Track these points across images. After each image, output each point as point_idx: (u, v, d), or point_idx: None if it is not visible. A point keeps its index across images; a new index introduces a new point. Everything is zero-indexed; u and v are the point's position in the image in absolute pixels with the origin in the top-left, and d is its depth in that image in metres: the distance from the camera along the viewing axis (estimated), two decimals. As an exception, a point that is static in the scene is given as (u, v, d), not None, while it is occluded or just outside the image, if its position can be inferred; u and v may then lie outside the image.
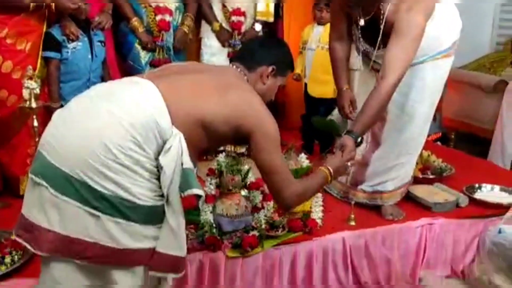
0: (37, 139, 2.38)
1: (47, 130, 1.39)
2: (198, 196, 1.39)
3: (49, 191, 1.28)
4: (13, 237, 1.35)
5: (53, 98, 2.75)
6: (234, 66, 1.71)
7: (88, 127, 1.32)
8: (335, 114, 2.85)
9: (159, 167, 1.34)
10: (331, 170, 1.81)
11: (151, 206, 1.35)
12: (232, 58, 1.75)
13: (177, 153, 1.35)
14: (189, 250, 2.11)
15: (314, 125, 2.66)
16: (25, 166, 2.70)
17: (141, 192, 1.32)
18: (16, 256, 2.00)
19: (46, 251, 1.30)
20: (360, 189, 2.71)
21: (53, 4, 2.62)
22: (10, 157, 2.74)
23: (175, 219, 1.37)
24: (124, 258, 1.34)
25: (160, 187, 1.36)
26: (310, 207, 2.52)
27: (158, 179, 1.36)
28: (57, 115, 1.41)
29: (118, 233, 1.30)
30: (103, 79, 2.97)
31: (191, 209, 1.67)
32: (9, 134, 2.70)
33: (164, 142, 1.36)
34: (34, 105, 2.32)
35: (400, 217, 2.55)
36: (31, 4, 2.54)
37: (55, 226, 1.29)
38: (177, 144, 1.35)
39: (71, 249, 1.29)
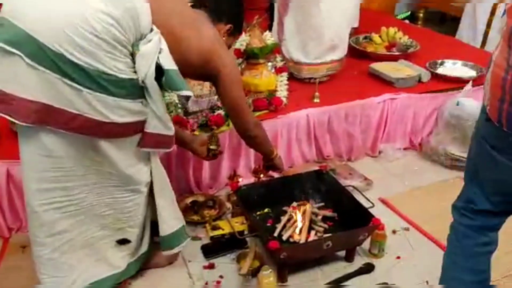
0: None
1: None
2: (188, 96, 1.47)
3: (25, 61, 1.24)
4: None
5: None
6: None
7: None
8: None
9: (135, 55, 1.35)
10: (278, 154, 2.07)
11: (130, 79, 1.35)
12: (194, 4, 1.75)
13: (156, 47, 1.36)
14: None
15: None
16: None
17: (119, 67, 1.32)
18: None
19: (32, 122, 1.29)
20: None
21: None
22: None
23: (156, 106, 1.43)
24: (110, 131, 1.38)
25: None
26: (276, 86, 2.53)
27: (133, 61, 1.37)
28: None
29: (102, 107, 1.32)
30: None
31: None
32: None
33: (141, 37, 1.36)
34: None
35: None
36: None
37: (36, 97, 1.27)
38: (157, 40, 1.36)
39: (56, 119, 1.31)
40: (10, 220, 1.98)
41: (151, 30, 1.39)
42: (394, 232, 2.03)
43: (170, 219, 1.67)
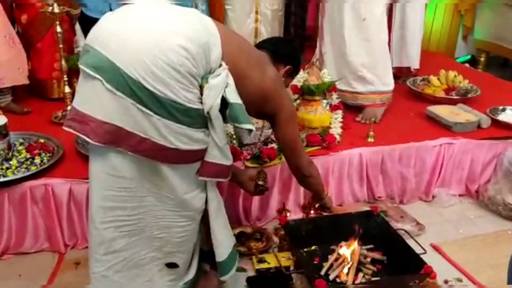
0: (61, 46, 2.41)
1: (99, 25, 1.42)
2: (249, 130, 1.51)
3: (105, 85, 1.33)
4: (66, 127, 1.40)
5: (73, 4, 2.77)
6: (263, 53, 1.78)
7: (152, 31, 1.37)
8: None
9: (203, 87, 1.42)
10: (328, 194, 2.11)
11: (197, 109, 1.43)
12: (258, 44, 1.92)
13: (224, 82, 1.43)
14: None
15: None
16: (52, 71, 2.81)
17: (188, 97, 1.40)
18: (45, 158, 2.11)
19: (104, 142, 1.38)
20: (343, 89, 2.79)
21: None
22: (38, 62, 2.83)
23: (217, 136, 1.48)
24: (172, 156, 1.44)
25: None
26: (330, 123, 2.54)
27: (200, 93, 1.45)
28: (109, 13, 1.47)
29: (168, 133, 1.39)
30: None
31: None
32: (34, 39, 2.77)
33: (211, 70, 1.44)
34: (56, 10, 2.32)
35: (367, 121, 2.63)
36: None
37: (111, 119, 1.36)
38: (225, 75, 1.44)
39: (126, 141, 1.39)
40: (67, 237, 2.07)
41: (220, 65, 1.46)
42: (446, 282, 1.94)
43: (225, 242, 1.68)
